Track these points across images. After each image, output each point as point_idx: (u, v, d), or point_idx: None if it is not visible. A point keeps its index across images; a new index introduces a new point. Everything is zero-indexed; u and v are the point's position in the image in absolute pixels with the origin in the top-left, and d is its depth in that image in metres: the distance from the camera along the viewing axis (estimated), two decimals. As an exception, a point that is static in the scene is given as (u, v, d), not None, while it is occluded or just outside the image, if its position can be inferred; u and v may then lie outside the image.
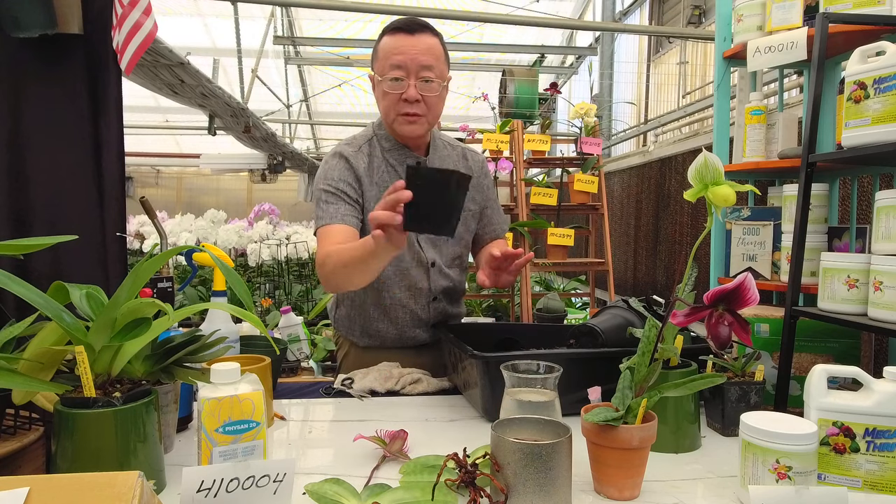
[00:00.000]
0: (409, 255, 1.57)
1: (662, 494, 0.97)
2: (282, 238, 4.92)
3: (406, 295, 1.60)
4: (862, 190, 2.35)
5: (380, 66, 1.48)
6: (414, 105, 1.46)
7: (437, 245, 1.61)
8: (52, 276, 1.21)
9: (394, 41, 1.45)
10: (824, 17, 1.42)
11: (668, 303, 1.01)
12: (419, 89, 1.45)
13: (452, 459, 0.93)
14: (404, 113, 1.47)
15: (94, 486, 0.63)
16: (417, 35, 1.45)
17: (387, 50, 1.46)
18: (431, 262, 1.59)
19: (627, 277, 5.43)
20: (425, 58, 1.44)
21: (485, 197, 1.68)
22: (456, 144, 1.69)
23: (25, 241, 0.93)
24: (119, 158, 1.38)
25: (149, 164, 12.62)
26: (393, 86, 1.45)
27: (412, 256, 1.58)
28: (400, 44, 1.44)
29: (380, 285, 1.58)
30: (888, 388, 0.96)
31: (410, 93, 1.44)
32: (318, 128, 11.62)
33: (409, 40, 1.44)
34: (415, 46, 1.44)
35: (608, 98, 7.39)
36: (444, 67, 1.50)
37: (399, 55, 1.43)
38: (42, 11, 1.25)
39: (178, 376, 1.00)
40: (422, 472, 0.99)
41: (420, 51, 1.44)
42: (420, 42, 1.45)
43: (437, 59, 1.47)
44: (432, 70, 1.45)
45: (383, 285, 1.58)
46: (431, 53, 1.45)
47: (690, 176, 0.97)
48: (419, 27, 1.46)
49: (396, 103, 1.47)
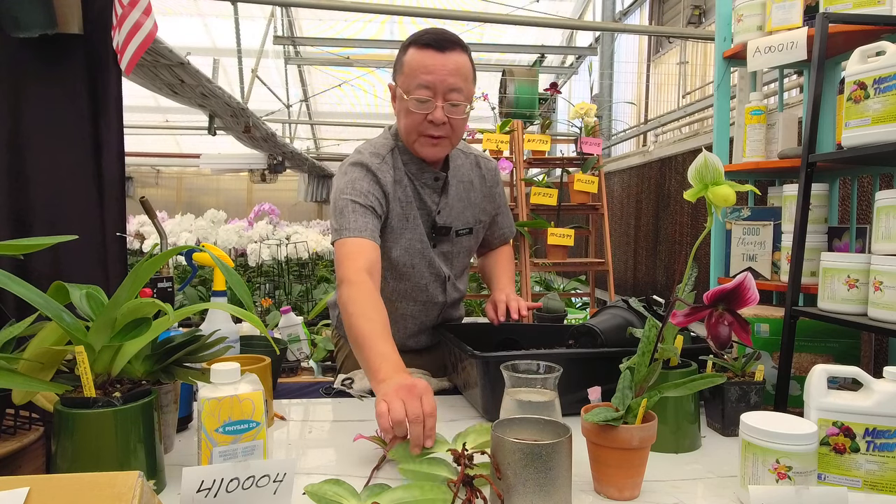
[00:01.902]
0: (427, 271, 1.54)
1: (662, 494, 0.97)
2: (282, 238, 4.92)
3: (419, 308, 1.58)
4: (862, 190, 2.35)
5: (405, 81, 1.39)
6: (439, 128, 1.40)
7: (450, 259, 1.58)
8: (52, 276, 1.21)
9: (422, 57, 1.37)
10: (824, 17, 1.42)
11: (668, 303, 1.01)
12: (446, 111, 1.38)
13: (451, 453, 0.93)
14: (428, 134, 1.41)
15: (94, 486, 0.63)
16: (448, 53, 1.37)
17: (414, 66, 1.37)
18: (447, 277, 1.58)
19: (627, 277, 5.43)
20: (454, 79, 1.37)
21: (496, 205, 1.67)
22: (469, 152, 1.63)
23: (25, 241, 0.93)
24: (119, 158, 1.38)
25: (149, 164, 12.64)
26: (419, 106, 1.38)
27: (431, 272, 1.54)
28: (429, 62, 1.36)
29: (395, 297, 1.55)
30: (888, 388, 0.96)
31: (437, 115, 1.38)
32: (318, 128, 11.63)
33: (439, 59, 1.36)
34: (444, 66, 1.36)
35: (608, 98, 7.39)
36: (471, 88, 1.44)
37: (428, 75, 1.36)
38: (42, 11, 1.25)
39: (178, 376, 1.00)
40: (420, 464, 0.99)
41: (450, 71, 1.36)
42: (450, 61, 1.37)
43: (466, 79, 1.40)
44: (461, 92, 1.39)
45: (398, 297, 1.56)
46: (460, 74, 1.38)
47: (690, 176, 0.97)
48: (450, 44, 1.38)
49: (420, 124, 1.40)
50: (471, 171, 1.60)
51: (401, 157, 1.50)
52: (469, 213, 1.58)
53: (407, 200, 1.49)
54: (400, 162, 1.49)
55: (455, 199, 1.55)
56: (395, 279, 1.53)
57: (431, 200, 1.51)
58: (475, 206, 1.60)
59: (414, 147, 1.46)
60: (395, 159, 1.49)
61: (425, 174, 1.50)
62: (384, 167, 1.46)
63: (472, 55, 1.46)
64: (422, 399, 1.02)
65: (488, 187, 1.63)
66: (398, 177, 1.48)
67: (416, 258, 1.51)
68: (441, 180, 1.51)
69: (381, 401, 1.03)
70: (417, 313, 1.59)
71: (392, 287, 1.54)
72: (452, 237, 1.56)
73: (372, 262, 1.33)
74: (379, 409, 1.01)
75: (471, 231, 1.60)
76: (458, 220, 1.56)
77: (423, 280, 1.54)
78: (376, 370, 1.13)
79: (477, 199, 1.60)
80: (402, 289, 1.54)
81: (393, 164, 1.48)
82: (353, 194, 1.40)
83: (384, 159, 1.47)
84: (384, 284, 1.53)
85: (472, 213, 1.59)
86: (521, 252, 2.91)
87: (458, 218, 1.56)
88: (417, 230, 1.50)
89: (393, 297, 1.55)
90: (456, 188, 1.55)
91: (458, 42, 1.40)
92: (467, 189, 1.58)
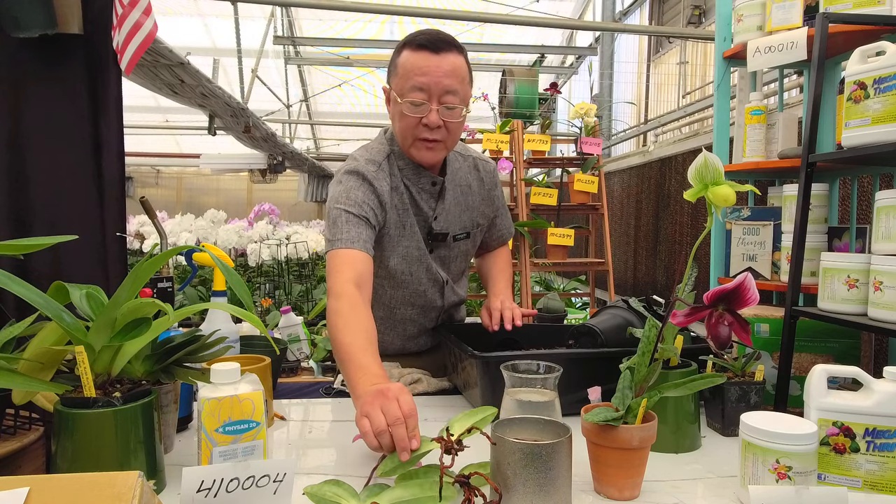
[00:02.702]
0: (426, 277, 1.52)
1: (662, 494, 0.97)
2: (282, 238, 4.92)
3: (417, 312, 1.57)
4: (862, 190, 2.35)
5: (399, 84, 1.36)
6: (434, 131, 1.36)
7: (447, 263, 1.57)
8: (52, 276, 1.21)
9: (417, 59, 1.34)
10: (824, 17, 1.42)
11: (668, 303, 1.01)
12: (441, 114, 1.35)
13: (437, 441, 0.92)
14: (423, 138, 1.38)
15: (94, 486, 0.63)
16: (443, 54, 1.33)
17: (408, 68, 1.34)
18: (445, 281, 1.56)
19: (627, 277, 5.43)
20: (449, 81, 1.34)
21: (494, 208, 1.64)
22: (467, 154, 1.59)
23: (25, 241, 0.93)
24: (119, 158, 1.38)
25: (149, 164, 12.64)
26: (413, 109, 1.35)
27: (429, 278, 1.53)
28: (423, 63, 1.33)
29: (393, 304, 1.54)
30: (888, 388, 0.96)
31: (432, 118, 1.34)
32: (318, 128, 11.63)
33: (434, 60, 1.33)
34: (439, 67, 1.33)
35: (608, 98, 7.39)
36: (468, 90, 1.41)
37: (422, 76, 1.33)
38: (42, 11, 1.25)
39: (178, 376, 1.00)
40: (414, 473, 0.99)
41: (445, 73, 1.33)
42: (445, 62, 1.33)
43: (462, 81, 1.37)
44: (456, 95, 1.35)
45: (397, 304, 1.55)
46: (456, 76, 1.35)
47: (690, 176, 0.97)
48: (445, 45, 1.35)
49: (415, 127, 1.37)
50: (469, 174, 1.57)
51: (397, 163, 1.46)
52: (466, 218, 1.56)
53: (403, 207, 1.46)
54: (396, 168, 1.46)
55: (452, 204, 1.52)
56: (393, 287, 1.52)
57: (428, 206, 1.48)
58: (473, 210, 1.57)
59: (409, 151, 1.42)
60: (392, 165, 1.46)
61: (422, 179, 1.46)
62: (380, 175, 1.43)
63: (473, 55, 1.46)
64: (398, 400, 0.97)
65: (487, 190, 1.60)
66: (395, 183, 1.45)
67: (415, 265, 1.50)
68: (438, 185, 1.48)
69: (360, 417, 0.98)
70: (416, 317, 1.58)
71: (390, 294, 1.53)
72: (450, 242, 1.54)
73: (360, 273, 1.30)
74: (361, 426, 0.98)
75: (468, 235, 1.57)
76: (454, 225, 1.53)
77: (421, 286, 1.53)
78: (354, 385, 1.10)
79: (475, 202, 1.57)
80: (401, 296, 1.53)
81: (389, 171, 1.45)
82: (346, 204, 1.37)
83: (380, 166, 1.44)
84: (382, 292, 1.52)
85: (469, 218, 1.56)
86: (521, 252, 2.91)
87: (455, 223, 1.54)
88: (415, 237, 1.48)
89: (392, 303, 1.54)
90: (453, 192, 1.52)
91: (453, 43, 1.37)
92: (465, 193, 1.55)
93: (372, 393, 1.01)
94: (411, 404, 0.98)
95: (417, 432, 0.97)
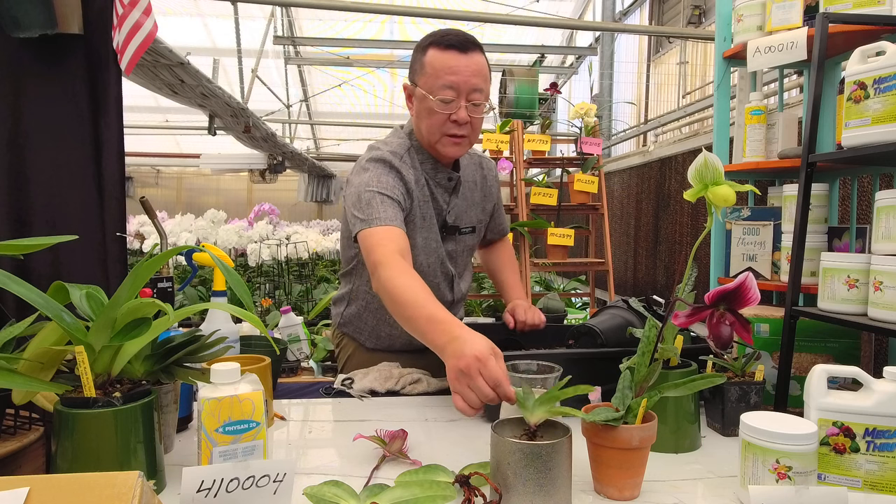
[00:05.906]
0: (440, 269, 1.57)
1: (662, 494, 0.97)
2: (282, 238, 4.92)
3: None
4: (862, 190, 2.35)
5: (428, 82, 1.42)
6: (462, 127, 1.43)
7: (454, 258, 1.62)
8: (52, 276, 1.21)
9: (446, 59, 1.40)
10: (824, 17, 1.42)
11: (667, 303, 1.01)
12: (469, 111, 1.42)
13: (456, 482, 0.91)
14: (451, 134, 1.44)
15: (94, 486, 0.63)
16: (470, 54, 1.41)
17: (437, 67, 1.40)
18: (454, 275, 1.62)
19: (627, 277, 5.43)
20: (477, 80, 1.41)
21: (493, 202, 1.73)
22: (473, 153, 1.68)
23: (25, 241, 0.93)
24: (119, 158, 1.38)
25: (149, 164, 12.64)
26: (443, 106, 1.41)
27: (442, 271, 1.58)
28: (453, 63, 1.39)
29: None
30: (888, 388, 0.96)
31: (461, 115, 1.41)
32: (318, 128, 11.62)
33: (463, 60, 1.40)
34: (468, 67, 1.40)
35: (608, 98, 7.39)
36: (489, 87, 1.48)
37: (452, 75, 1.39)
38: (42, 11, 1.25)
39: (178, 376, 1.00)
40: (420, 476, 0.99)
41: (473, 72, 1.40)
42: (472, 62, 1.41)
43: (486, 80, 1.45)
44: (482, 92, 1.43)
45: None
46: (482, 75, 1.43)
47: (690, 176, 0.97)
48: (471, 45, 1.42)
49: (444, 124, 1.43)
50: (475, 171, 1.66)
51: (417, 157, 1.52)
52: (473, 213, 1.64)
53: (424, 200, 1.52)
54: (417, 162, 1.52)
55: (462, 199, 1.60)
56: None
57: (443, 200, 1.56)
58: (477, 206, 1.66)
59: (436, 147, 1.48)
60: (413, 159, 1.52)
61: (439, 175, 1.53)
62: (404, 166, 1.48)
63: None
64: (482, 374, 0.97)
65: (488, 186, 1.70)
66: (416, 176, 1.51)
67: (432, 257, 1.55)
68: (454, 180, 1.56)
69: (453, 393, 1.01)
70: None
71: None
72: (457, 236, 1.61)
73: (403, 248, 1.31)
74: (457, 404, 1.00)
75: (474, 230, 1.65)
76: (463, 219, 1.61)
77: (435, 279, 1.57)
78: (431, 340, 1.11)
79: (479, 198, 1.66)
80: None
81: (412, 164, 1.51)
82: (379, 187, 1.39)
83: (402, 159, 1.49)
84: None
85: (475, 213, 1.65)
86: (521, 252, 2.91)
87: (464, 217, 1.61)
88: (433, 229, 1.54)
89: None
90: (464, 188, 1.60)
91: (477, 44, 1.44)
92: (472, 189, 1.64)
93: (455, 370, 1.00)
94: (495, 371, 0.97)
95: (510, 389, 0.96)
